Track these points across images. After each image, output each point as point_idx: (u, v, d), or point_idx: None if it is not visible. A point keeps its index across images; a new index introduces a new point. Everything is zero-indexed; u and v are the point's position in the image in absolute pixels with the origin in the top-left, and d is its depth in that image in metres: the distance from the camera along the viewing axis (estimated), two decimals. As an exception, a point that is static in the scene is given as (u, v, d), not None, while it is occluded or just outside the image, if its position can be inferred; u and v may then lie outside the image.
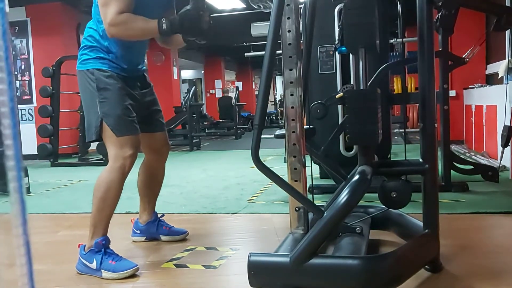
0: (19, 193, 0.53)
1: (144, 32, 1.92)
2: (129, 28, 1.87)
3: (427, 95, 1.74)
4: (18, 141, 0.53)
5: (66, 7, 7.34)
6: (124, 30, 1.87)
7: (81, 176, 5.06)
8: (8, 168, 0.52)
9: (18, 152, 0.53)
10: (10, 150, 0.52)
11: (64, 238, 2.59)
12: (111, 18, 1.83)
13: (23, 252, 0.54)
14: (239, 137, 10.25)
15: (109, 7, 1.83)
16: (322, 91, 3.26)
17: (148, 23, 1.88)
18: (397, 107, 7.39)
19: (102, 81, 1.95)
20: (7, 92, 0.51)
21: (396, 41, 5.33)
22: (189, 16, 1.87)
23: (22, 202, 0.54)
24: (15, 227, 0.53)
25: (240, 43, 11.45)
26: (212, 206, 3.18)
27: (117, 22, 1.84)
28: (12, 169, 0.52)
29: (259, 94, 1.58)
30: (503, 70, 4.45)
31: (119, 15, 1.84)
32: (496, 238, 2.30)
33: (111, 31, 1.86)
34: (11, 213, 0.54)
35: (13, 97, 0.52)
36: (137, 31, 1.90)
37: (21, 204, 0.54)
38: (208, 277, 1.86)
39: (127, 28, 1.87)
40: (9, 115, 0.52)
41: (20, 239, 0.54)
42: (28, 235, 0.54)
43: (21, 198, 0.54)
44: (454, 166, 3.28)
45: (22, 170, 0.53)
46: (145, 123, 2.13)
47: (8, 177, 0.53)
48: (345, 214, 1.57)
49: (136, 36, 1.94)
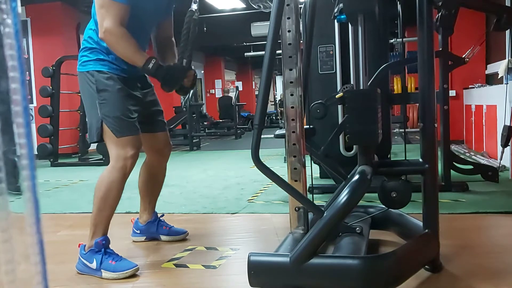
0: (33, 192, 0.53)
1: (130, 59, 1.93)
2: (121, 45, 1.89)
3: (427, 95, 1.74)
4: (31, 139, 0.53)
5: (66, 7, 7.34)
6: (116, 44, 1.89)
7: (81, 176, 5.06)
8: (22, 167, 0.53)
9: (32, 151, 0.53)
10: (24, 149, 0.52)
11: (64, 238, 2.59)
12: (111, 26, 1.84)
13: (37, 251, 0.54)
14: (239, 137, 10.25)
15: (109, 13, 1.84)
16: (322, 91, 3.26)
17: (137, 54, 1.90)
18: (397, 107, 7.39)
19: (102, 82, 1.96)
20: (20, 91, 0.51)
21: (396, 41, 5.34)
22: (171, 73, 1.95)
23: (36, 201, 0.54)
24: (28, 226, 0.53)
25: (240, 43, 11.46)
26: (212, 206, 3.18)
27: (114, 33, 1.86)
28: (26, 168, 0.53)
29: (259, 94, 1.58)
30: (503, 70, 4.45)
31: (120, 27, 1.86)
32: (496, 238, 2.30)
33: (105, 37, 1.87)
34: (24, 211, 0.54)
35: (26, 96, 0.52)
36: (125, 53, 1.91)
37: (34, 202, 0.54)
38: (208, 277, 1.86)
39: (119, 43, 1.88)
40: (22, 114, 0.52)
41: (34, 237, 0.54)
42: (42, 233, 0.54)
43: (34, 197, 0.54)
44: (454, 166, 3.28)
45: (35, 169, 0.54)
46: (146, 124, 2.13)
47: (22, 176, 0.53)
48: (345, 214, 1.58)
49: (120, 54, 1.93)
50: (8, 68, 0.51)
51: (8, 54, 0.50)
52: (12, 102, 0.51)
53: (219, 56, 14.94)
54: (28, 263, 0.55)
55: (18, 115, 0.52)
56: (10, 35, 0.51)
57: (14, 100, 0.51)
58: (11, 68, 0.51)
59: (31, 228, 0.54)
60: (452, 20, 3.05)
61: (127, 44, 1.88)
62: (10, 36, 0.51)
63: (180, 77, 1.98)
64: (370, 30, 1.80)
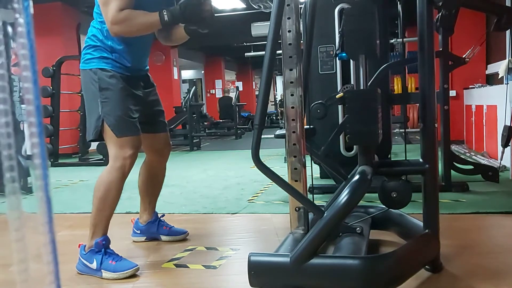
0: (45, 191, 0.53)
1: (147, 26, 1.91)
2: (131, 25, 1.87)
3: (427, 95, 1.74)
4: (43, 139, 0.53)
5: (66, 7, 7.35)
6: (126, 27, 1.87)
7: (81, 176, 5.06)
8: (34, 166, 0.52)
9: (44, 150, 0.53)
10: (36, 148, 0.52)
11: (64, 238, 2.59)
12: (112, 16, 1.83)
13: (50, 250, 0.54)
14: (239, 137, 10.25)
15: (109, 6, 1.83)
16: (322, 91, 3.26)
17: (149, 16, 1.88)
18: (397, 107, 7.39)
19: (105, 81, 1.95)
20: (33, 90, 0.51)
21: (396, 41, 5.34)
22: (189, 5, 1.87)
23: (48, 200, 0.54)
24: (41, 225, 0.53)
25: (241, 43, 11.45)
26: (212, 206, 3.18)
27: (119, 20, 1.84)
28: (38, 167, 0.53)
29: (259, 94, 1.58)
30: (503, 70, 4.45)
31: (120, 12, 1.83)
32: (497, 238, 2.30)
33: (114, 29, 1.86)
34: (37, 211, 0.54)
35: (39, 95, 0.52)
36: (140, 26, 1.89)
37: (47, 202, 0.54)
38: (208, 277, 1.86)
39: (129, 24, 1.86)
40: (34, 113, 0.52)
41: (47, 237, 0.54)
42: (54, 233, 0.54)
43: (47, 196, 0.54)
44: (455, 166, 3.28)
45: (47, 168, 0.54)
46: (147, 124, 2.13)
47: (34, 176, 0.53)
48: (345, 214, 1.58)
49: (139, 31, 1.92)
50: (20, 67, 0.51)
51: (20, 54, 0.50)
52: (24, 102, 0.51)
53: (220, 56, 14.94)
54: (41, 263, 0.55)
55: (31, 114, 0.52)
56: (23, 34, 0.50)
57: (27, 100, 0.51)
58: (23, 67, 0.51)
59: (44, 227, 0.54)
60: (452, 20, 3.04)
61: (135, 20, 1.86)
62: (23, 35, 0.50)
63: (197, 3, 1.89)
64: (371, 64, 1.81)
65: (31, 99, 0.51)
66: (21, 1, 0.50)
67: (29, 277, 0.51)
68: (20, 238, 0.51)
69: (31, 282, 0.51)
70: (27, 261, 0.52)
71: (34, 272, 0.53)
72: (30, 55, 0.51)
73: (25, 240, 0.52)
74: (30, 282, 0.51)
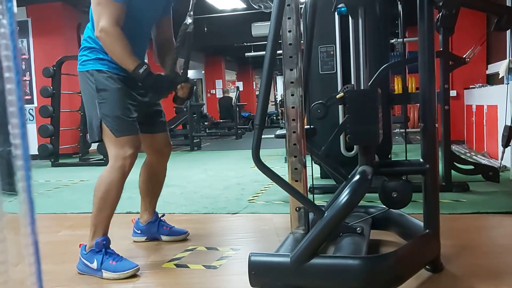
0: (28, 193, 0.53)
1: (122, 61, 1.91)
2: (114, 46, 1.88)
3: (428, 95, 1.74)
4: (26, 140, 0.53)
5: (66, 7, 7.35)
6: (110, 44, 1.88)
7: (82, 176, 5.06)
8: (17, 167, 0.52)
9: (27, 152, 0.53)
10: (19, 150, 0.52)
11: (65, 238, 2.59)
12: (107, 25, 1.84)
13: (32, 251, 0.54)
14: (239, 137, 10.25)
15: (105, 12, 1.84)
16: (322, 91, 3.26)
17: (129, 58, 1.88)
18: (397, 107, 7.39)
19: (101, 82, 1.96)
20: (16, 91, 0.51)
21: (397, 41, 5.34)
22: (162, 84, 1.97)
23: (31, 202, 0.54)
24: (23, 226, 0.53)
25: (241, 43, 11.46)
26: (213, 206, 3.18)
27: (110, 33, 1.85)
28: (21, 169, 0.52)
29: (259, 94, 1.58)
30: (503, 70, 4.44)
31: (115, 27, 1.85)
32: (497, 238, 2.30)
33: (101, 35, 1.87)
34: (19, 212, 0.54)
35: (21, 96, 0.52)
36: (118, 54, 1.89)
37: (29, 203, 0.54)
38: (208, 277, 1.86)
39: (113, 44, 1.87)
40: (17, 115, 0.52)
41: (29, 238, 0.54)
42: (37, 234, 0.54)
43: (29, 198, 0.54)
44: (455, 166, 3.28)
45: (30, 169, 0.53)
46: (146, 124, 2.13)
47: (17, 177, 0.53)
48: (345, 214, 1.57)
49: (113, 55, 1.92)
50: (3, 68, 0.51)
51: (3, 55, 0.50)
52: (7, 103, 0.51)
53: (220, 56, 14.94)
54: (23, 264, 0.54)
55: (13, 115, 0.51)
56: (6, 35, 0.50)
57: (9, 101, 0.51)
58: (6, 68, 0.51)
59: (26, 228, 0.53)
60: (452, 20, 3.04)
61: (122, 46, 1.87)
62: (6, 36, 0.50)
63: (168, 88, 2.00)
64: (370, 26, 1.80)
65: (13, 100, 0.51)
66: (4, 2, 0.50)
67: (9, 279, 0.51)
68: (1, 239, 0.51)
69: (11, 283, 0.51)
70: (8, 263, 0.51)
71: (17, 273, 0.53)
72: (13, 56, 0.51)
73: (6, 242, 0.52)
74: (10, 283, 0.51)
